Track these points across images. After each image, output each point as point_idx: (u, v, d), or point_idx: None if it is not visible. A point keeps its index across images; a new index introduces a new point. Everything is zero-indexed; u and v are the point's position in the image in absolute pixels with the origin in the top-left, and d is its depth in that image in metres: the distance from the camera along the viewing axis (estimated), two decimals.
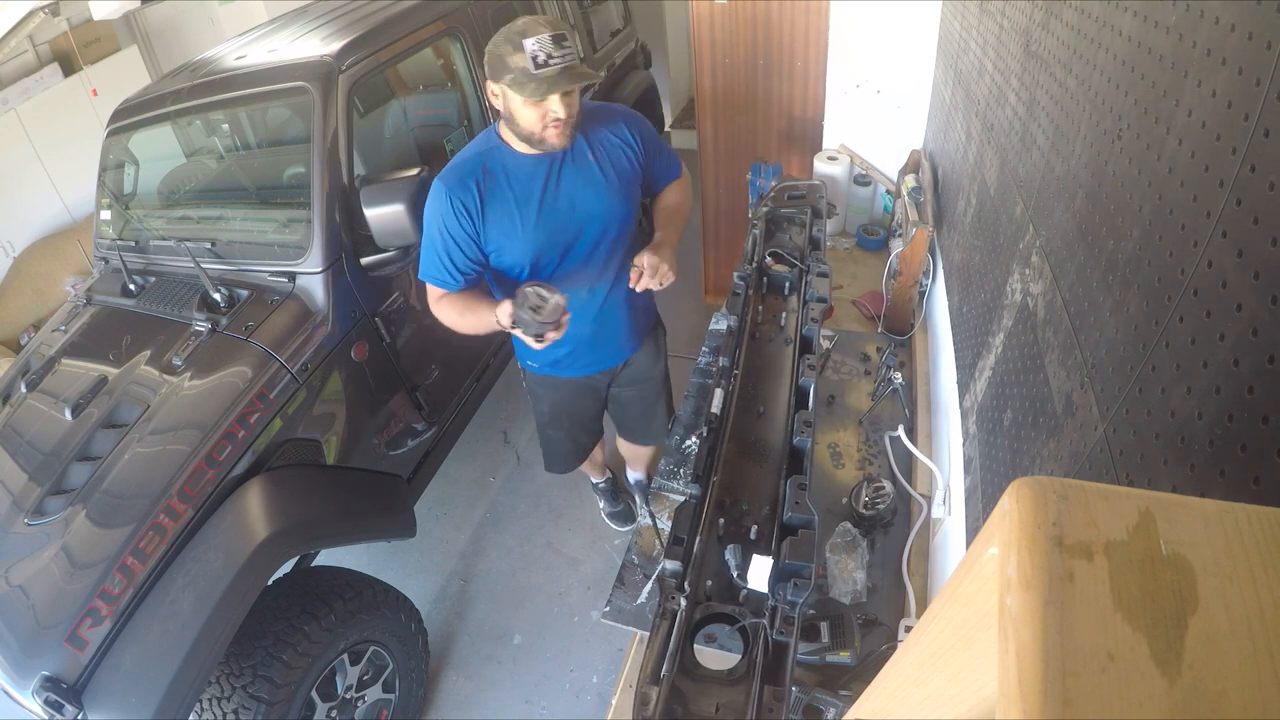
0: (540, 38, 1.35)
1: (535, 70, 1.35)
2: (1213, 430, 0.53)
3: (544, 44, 1.35)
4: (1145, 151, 0.70)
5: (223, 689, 1.61)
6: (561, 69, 1.37)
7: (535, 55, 1.35)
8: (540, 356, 1.80)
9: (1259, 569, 0.29)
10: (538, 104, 1.41)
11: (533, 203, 1.54)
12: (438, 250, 1.56)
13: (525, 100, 1.40)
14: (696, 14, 2.67)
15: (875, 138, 2.57)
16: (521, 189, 1.54)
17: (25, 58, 3.99)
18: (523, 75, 1.36)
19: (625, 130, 1.64)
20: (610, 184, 1.61)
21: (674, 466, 1.73)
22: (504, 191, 1.53)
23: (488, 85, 1.46)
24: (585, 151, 1.58)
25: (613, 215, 1.64)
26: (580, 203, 1.58)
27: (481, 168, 1.53)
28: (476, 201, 1.51)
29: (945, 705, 0.40)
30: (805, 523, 1.14)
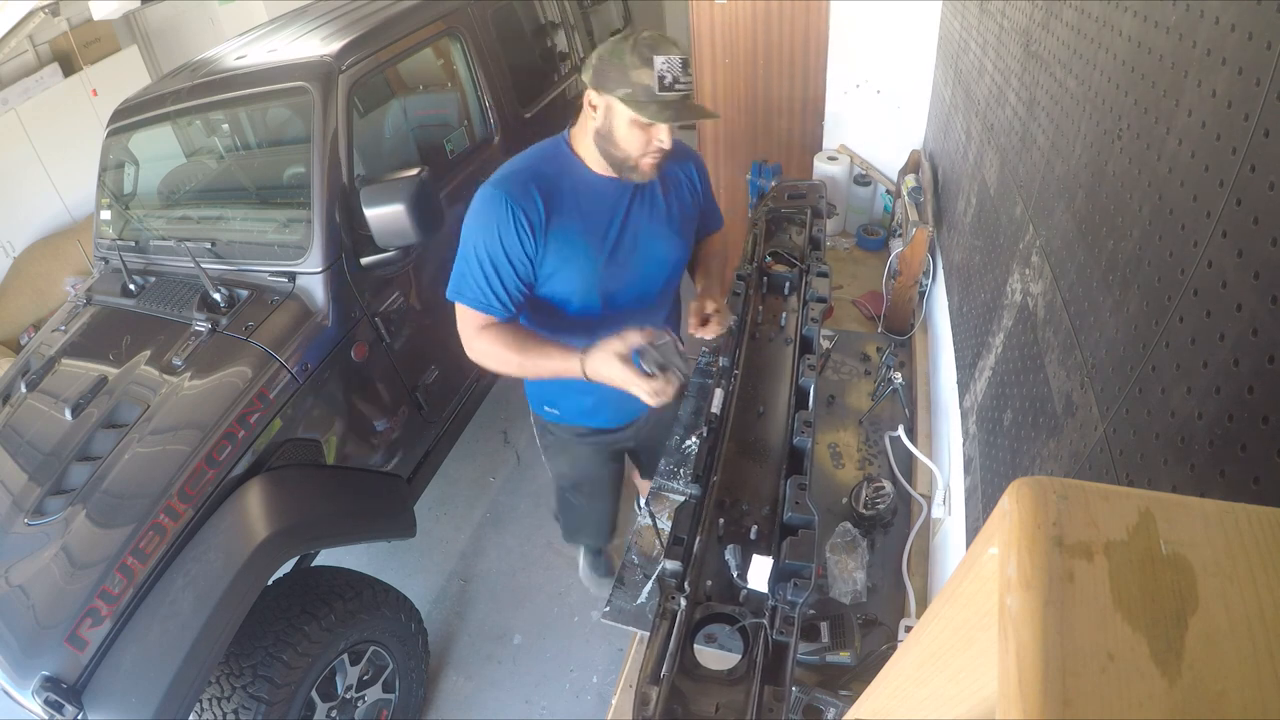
0: (671, 59, 1.22)
1: (660, 92, 1.21)
2: (1213, 430, 0.53)
3: (674, 66, 1.22)
4: (1145, 151, 0.70)
5: (223, 689, 1.61)
6: (685, 97, 1.24)
7: (664, 75, 1.21)
8: (564, 406, 1.65)
9: (1259, 569, 0.29)
10: (645, 128, 1.27)
11: (600, 230, 1.38)
12: (484, 268, 1.33)
13: (634, 120, 1.25)
14: (696, 14, 2.67)
15: (875, 138, 2.57)
16: (592, 212, 1.37)
17: (25, 58, 3.99)
18: (644, 93, 1.22)
19: (693, 170, 1.53)
20: (674, 225, 1.48)
21: (674, 466, 1.72)
22: (572, 210, 1.35)
23: (587, 94, 1.30)
24: (657, 186, 1.44)
25: (672, 258, 1.51)
26: (644, 239, 1.43)
27: (548, 178, 1.35)
28: (541, 215, 1.32)
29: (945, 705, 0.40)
30: (805, 523, 1.14)
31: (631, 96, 1.23)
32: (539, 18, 3.06)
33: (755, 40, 2.65)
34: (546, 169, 1.36)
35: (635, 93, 1.22)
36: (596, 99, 1.28)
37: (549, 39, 3.09)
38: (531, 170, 1.35)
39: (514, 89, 2.70)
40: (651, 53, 1.21)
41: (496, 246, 1.31)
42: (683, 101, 1.24)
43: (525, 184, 1.32)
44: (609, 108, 1.27)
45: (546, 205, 1.32)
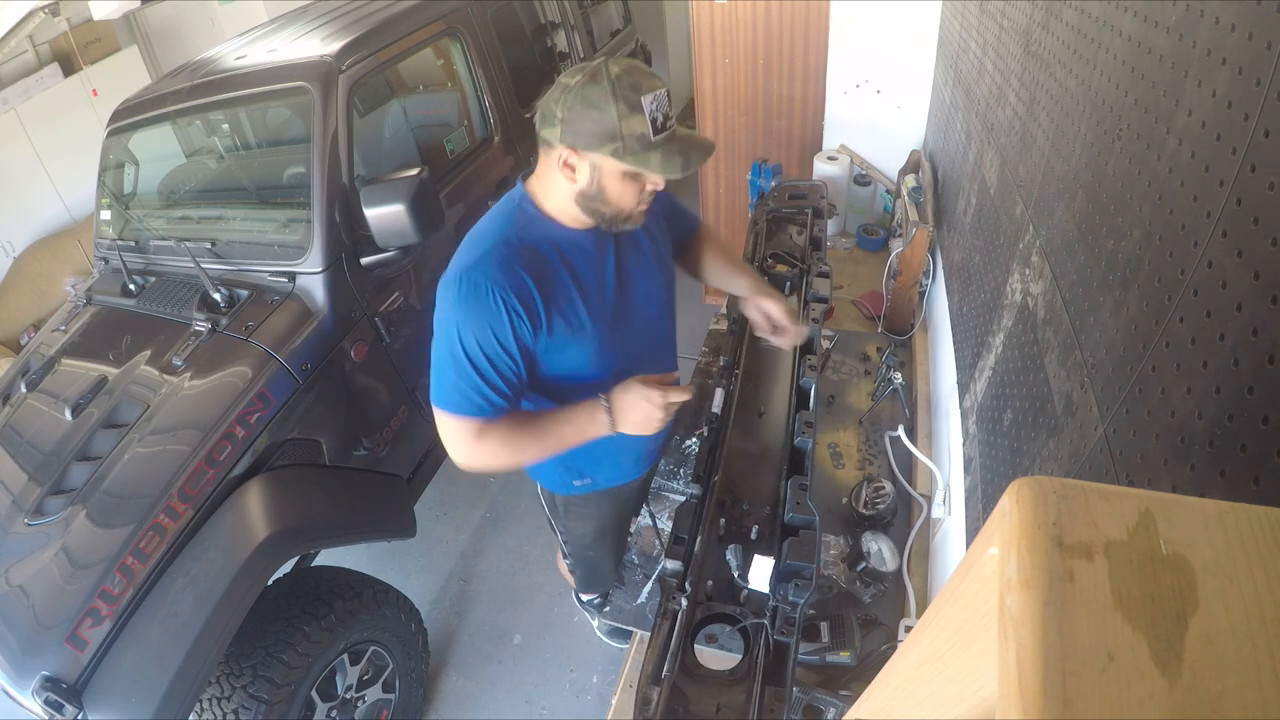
0: (657, 94, 1.05)
1: (655, 137, 1.05)
2: (1213, 430, 0.53)
3: (661, 102, 1.05)
4: (1145, 151, 0.70)
5: (223, 689, 1.61)
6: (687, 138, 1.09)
7: (655, 118, 1.04)
8: (598, 473, 1.51)
9: (1259, 569, 0.29)
10: (636, 179, 1.11)
11: (594, 289, 1.22)
12: (478, 367, 1.13)
13: (626, 173, 1.09)
14: (696, 14, 2.67)
15: (875, 138, 2.57)
16: (582, 273, 1.20)
17: (25, 58, 3.99)
18: (639, 144, 1.05)
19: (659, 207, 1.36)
20: (660, 259, 1.35)
21: (674, 466, 1.73)
22: (562, 278, 1.18)
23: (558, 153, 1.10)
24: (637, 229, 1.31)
25: (667, 292, 1.39)
26: (640, 286, 1.30)
27: (526, 252, 1.15)
28: (534, 295, 1.13)
29: (945, 705, 0.40)
30: (806, 523, 1.15)
31: (625, 150, 1.05)
32: (539, 18, 3.06)
33: (755, 40, 2.65)
34: (521, 239, 1.16)
35: (629, 145, 1.05)
36: (575, 160, 1.09)
37: (549, 39, 3.09)
38: (507, 245, 1.15)
39: (514, 89, 2.70)
40: (637, 94, 1.03)
41: (490, 341, 1.12)
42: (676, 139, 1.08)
43: (506, 263, 1.13)
44: (596, 167, 1.09)
45: (537, 282, 1.14)
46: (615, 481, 1.56)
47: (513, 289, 1.11)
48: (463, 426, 1.17)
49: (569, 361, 1.24)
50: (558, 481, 1.55)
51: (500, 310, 1.11)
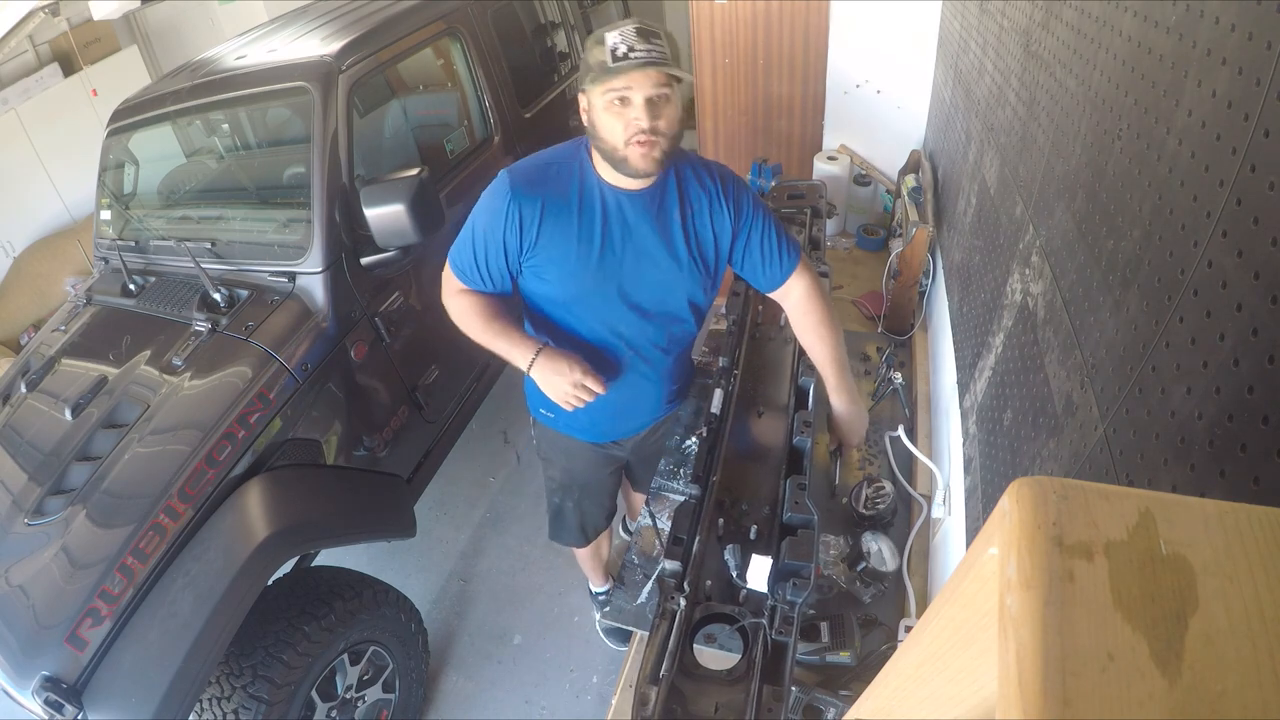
0: (625, 29, 1.18)
1: (613, 63, 1.17)
2: (1213, 430, 0.53)
3: (627, 35, 1.17)
4: (1145, 151, 0.70)
5: (223, 689, 1.61)
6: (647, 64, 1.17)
7: (615, 47, 1.17)
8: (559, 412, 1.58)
9: (1259, 569, 0.29)
10: (620, 111, 1.20)
11: (596, 241, 1.33)
12: (475, 243, 1.36)
13: (606, 105, 1.21)
14: (696, 14, 2.67)
15: (875, 138, 2.57)
16: (590, 220, 1.33)
17: (25, 58, 3.99)
18: (599, 69, 1.18)
19: (723, 203, 1.36)
20: (683, 259, 1.37)
21: (674, 466, 1.72)
22: (570, 215, 1.32)
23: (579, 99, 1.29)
24: (673, 208, 1.35)
25: (676, 296, 1.40)
26: (645, 261, 1.36)
27: (557, 178, 1.33)
28: (536, 216, 1.31)
29: (945, 705, 0.40)
30: (805, 522, 1.15)
31: (593, 77, 1.20)
32: (539, 18, 3.06)
33: (755, 40, 2.65)
34: (561, 168, 1.34)
35: (594, 73, 1.20)
36: (581, 100, 1.27)
37: (549, 39, 3.09)
38: (548, 168, 1.34)
39: (514, 89, 2.70)
40: (605, 31, 1.20)
41: (490, 230, 1.34)
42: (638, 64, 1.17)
43: (531, 181, 1.32)
44: (589, 103, 1.25)
45: (544, 205, 1.31)
46: (573, 432, 1.67)
47: (520, 201, 1.30)
48: (451, 277, 1.44)
49: (545, 289, 1.39)
50: (533, 402, 1.67)
51: (503, 211, 1.31)
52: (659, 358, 1.49)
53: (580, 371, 1.33)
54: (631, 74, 1.17)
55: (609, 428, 1.65)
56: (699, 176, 1.37)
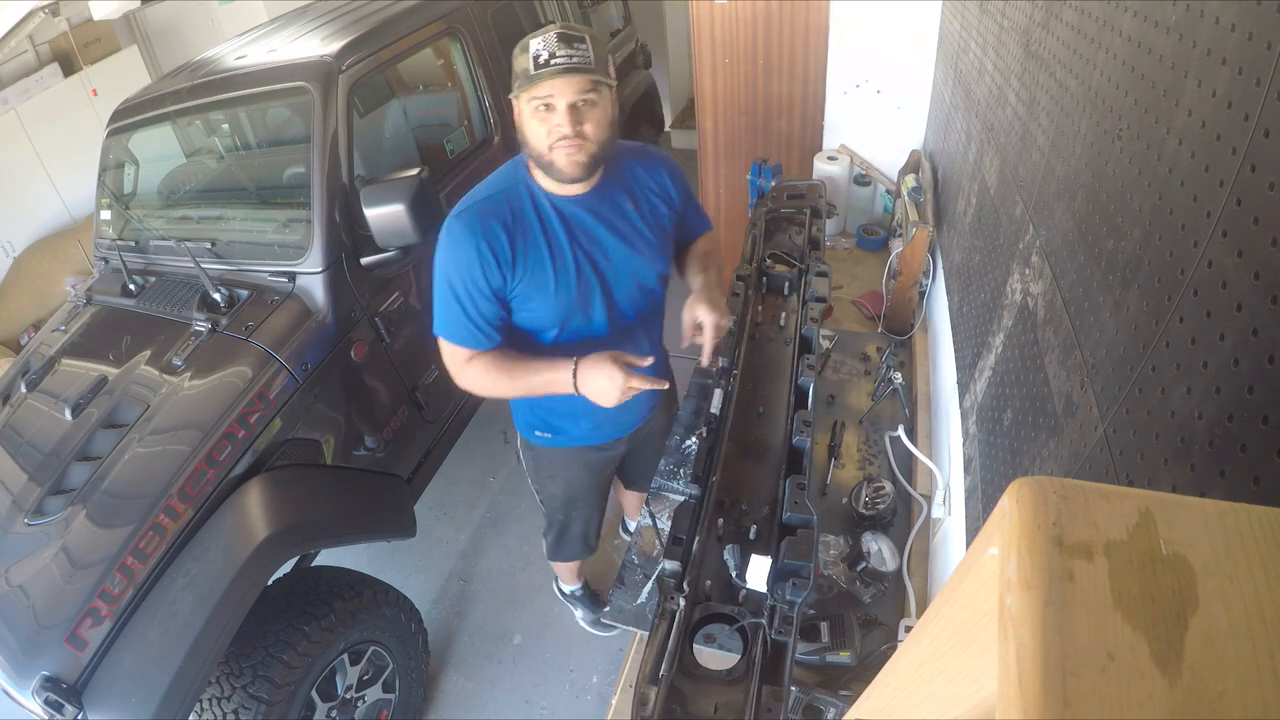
0: (547, 36, 1.19)
1: (536, 70, 1.18)
2: (1213, 430, 0.53)
3: (549, 42, 1.18)
4: (1145, 151, 0.70)
5: (223, 689, 1.61)
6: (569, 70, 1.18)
7: (538, 54, 1.18)
8: (559, 429, 1.62)
9: (1259, 569, 0.29)
10: (544, 116, 1.22)
11: (567, 254, 1.34)
12: (463, 305, 1.32)
13: (532, 111, 1.22)
14: (696, 14, 2.67)
15: (875, 138, 2.57)
16: (554, 235, 1.34)
17: (25, 58, 3.99)
18: (524, 76, 1.20)
19: (666, 179, 1.45)
20: (647, 238, 1.42)
21: (674, 466, 1.73)
22: (536, 237, 1.33)
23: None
24: (624, 198, 1.39)
25: (650, 273, 1.45)
26: (617, 256, 1.39)
27: (508, 207, 1.32)
28: (506, 248, 1.30)
29: (945, 705, 0.40)
30: (804, 522, 1.15)
31: (518, 86, 1.22)
32: (539, 18, 3.06)
33: (755, 40, 2.64)
34: (507, 196, 1.33)
35: (520, 80, 1.21)
36: (515, 107, 1.27)
37: None
38: (492, 201, 1.33)
39: None
40: (530, 39, 1.20)
41: (469, 280, 1.30)
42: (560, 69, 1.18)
43: (487, 217, 1.30)
44: (517, 111, 1.27)
45: (510, 236, 1.30)
46: (575, 443, 1.66)
47: (485, 236, 1.29)
48: (456, 351, 1.38)
49: (532, 317, 1.38)
50: (525, 426, 1.68)
51: (474, 254, 1.29)
52: (643, 338, 1.52)
53: (621, 365, 1.30)
54: (553, 80, 1.18)
55: (614, 425, 1.65)
56: (634, 161, 1.43)
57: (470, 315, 1.33)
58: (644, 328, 1.51)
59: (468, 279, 1.30)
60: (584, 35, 1.21)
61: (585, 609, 2.35)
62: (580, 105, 1.22)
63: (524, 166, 1.36)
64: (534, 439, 1.68)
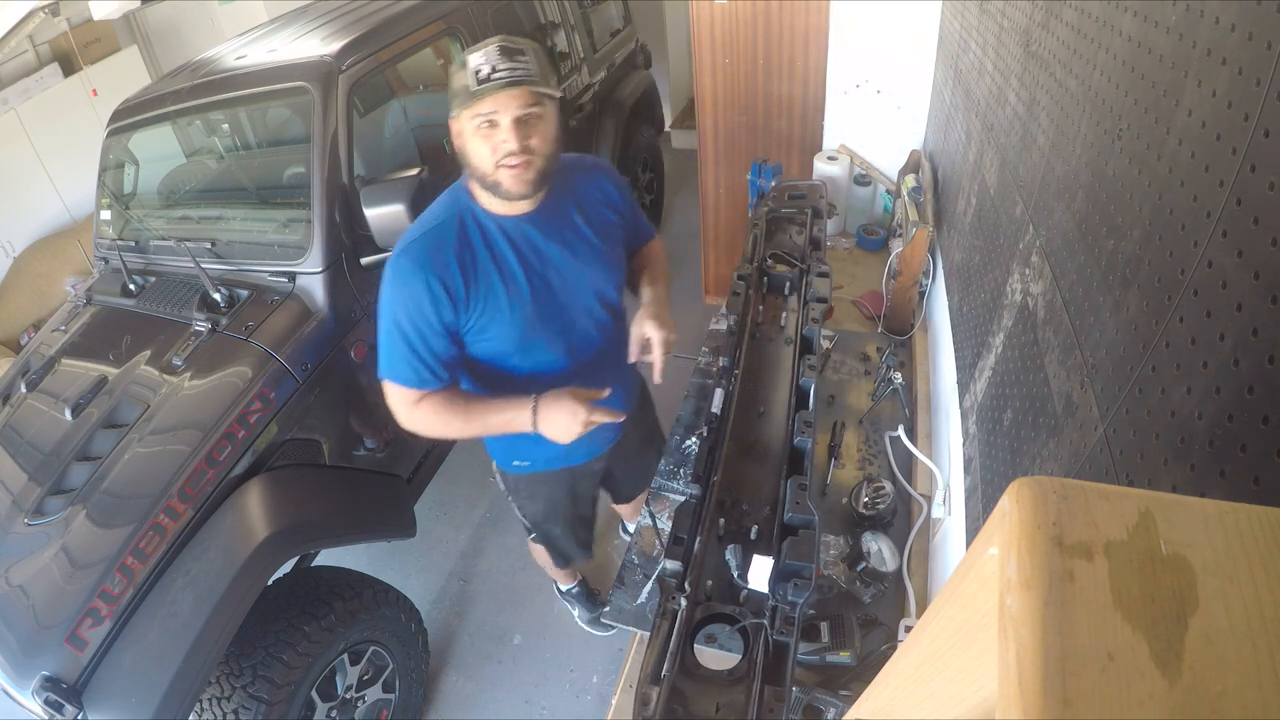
0: (488, 49, 1.14)
1: (477, 85, 1.13)
2: (1213, 430, 0.53)
3: (490, 56, 1.13)
4: (1145, 151, 0.70)
5: (223, 689, 1.61)
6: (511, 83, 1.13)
7: (479, 69, 1.13)
8: (535, 455, 1.59)
9: (1259, 569, 0.29)
10: (488, 134, 1.18)
11: (520, 277, 1.30)
12: (411, 344, 1.26)
13: (475, 129, 1.18)
14: (696, 14, 2.67)
15: (875, 138, 2.57)
16: (504, 260, 1.29)
17: (25, 58, 3.99)
18: (464, 93, 1.15)
19: (609, 186, 1.43)
20: (600, 249, 1.38)
21: (674, 466, 1.73)
22: (487, 264, 1.28)
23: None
24: (571, 210, 1.35)
25: (606, 284, 1.42)
26: (571, 272, 1.35)
27: (457, 236, 1.27)
28: (457, 281, 1.24)
29: (945, 705, 0.40)
30: (805, 523, 1.15)
31: (459, 103, 1.17)
32: (539, 18, 3.06)
33: (755, 40, 2.64)
34: (453, 225, 1.28)
35: (460, 98, 1.16)
36: (454, 127, 1.22)
37: (549, 39, 3.09)
38: (439, 232, 1.27)
39: None
40: (469, 54, 1.15)
41: (419, 319, 1.24)
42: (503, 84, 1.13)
43: (436, 250, 1.25)
44: (457, 130, 1.21)
45: (461, 268, 1.25)
46: (554, 465, 1.63)
47: (435, 271, 1.23)
48: (401, 393, 1.31)
49: (491, 344, 1.33)
50: (501, 457, 1.66)
51: (424, 290, 1.23)
52: (612, 351, 1.47)
53: (581, 400, 1.28)
54: (496, 95, 1.13)
55: (592, 443, 1.60)
56: (576, 172, 1.40)
57: (420, 355, 1.27)
58: (606, 341, 1.46)
59: (418, 318, 1.24)
60: (525, 48, 1.17)
61: (583, 608, 2.35)
62: (525, 119, 1.17)
63: (465, 192, 1.31)
64: (511, 468, 1.65)
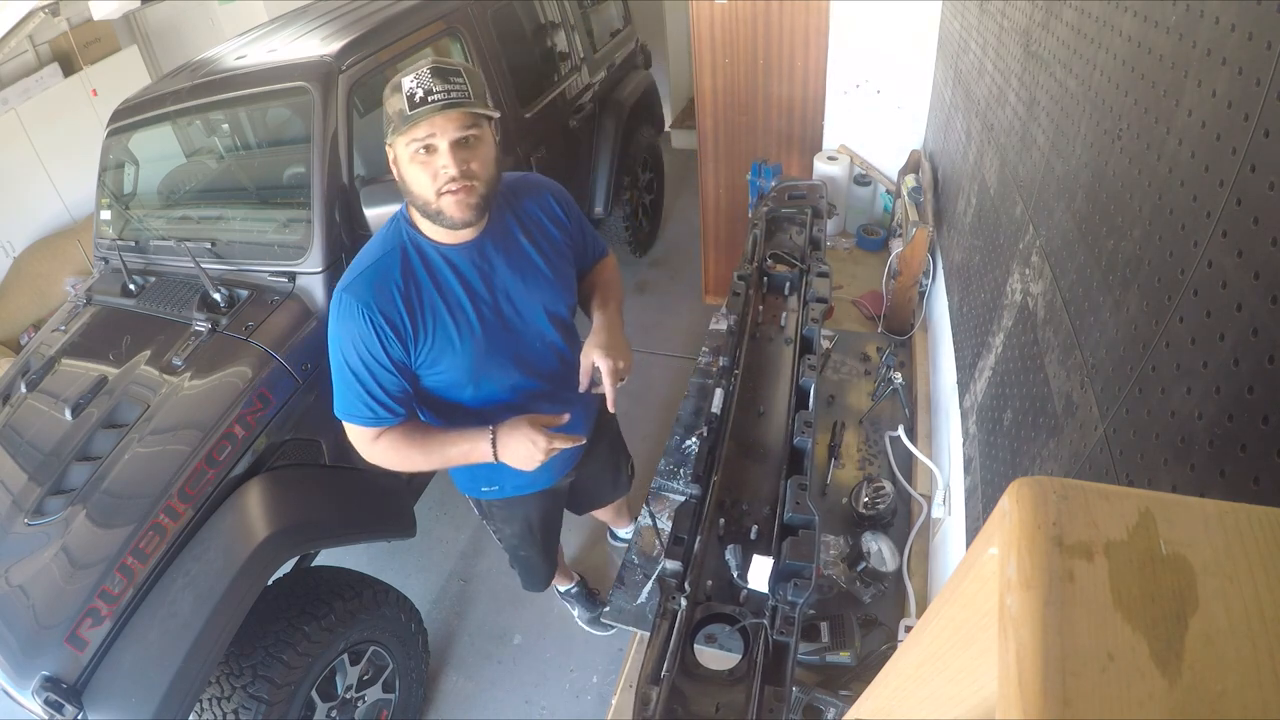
0: (420, 72, 1.11)
1: (411, 110, 1.10)
2: (1213, 430, 0.53)
3: (422, 79, 1.10)
4: (1145, 151, 0.70)
5: (223, 689, 1.61)
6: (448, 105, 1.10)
7: (413, 93, 1.10)
8: (504, 481, 1.57)
9: (1259, 569, 0.29)
10: (426, 160, 1.15)
11: (467, 306, 1.27)
12: (363, 382, 1.23)
13: (412, 155, 1.15)
14: (696, 14, 2.67)
15: (875, 138, 2.57)
16: (450, 290, 1.26)
17: (25, 58, 3.99)
18: (399, 118, 1.12)
19: (553, 203, 1.39)
20: (546, 272, 1.35)
21: (674, 466, 1.73)
22: (433, 296, 1.24)
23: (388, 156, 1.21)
24: (516, 232, 1.33)
25: (557, 304, 1.39)
26: (520, 298, 1.32)
27: (400, 269, 1.23)
28: (403, 317, 1.21)
29: (945, 705, 0.40)
30: (805, 523, 1.15)
31: (394, 129, 1.14)
32: (539, 18, 3.06)
33: (755, 40, 2.64)
34: (395, 257, 1.24)
35: (395, 123, 1.13)
36: (389, 154, 1.19)
37: (549, 39, 3.09)
38: (380, 266, 1.23)
39: (514, 89, 2.70)
40: (402, 77, 1.12)
41: (366, 356, 1.21)
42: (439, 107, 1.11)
43: (376, 283, 1.21)
44: (394, 157, 1.19)
45: (406, 302, 1.22)
46: (523, 490, 1.61)
47: (379, 308, 1.20)
48: (358, 431, 1.30)
49: (443, 376, 1.31)
50: (469, 486, 1.62)
51: (369, 328, 1.20)
52: (568, 373, 1.43)
53: (539, 428, 1.27)
54: (432, 118, 1.10)
55: (560, 464, 1.57)
56: (523, 194, 1.37)
57: (372, 393, 1.24)
58: (562, 363, 1.43)
59: (365, 356, 1.21)
60: (459, 68, 1.14)
61: (582, 607, 2.35)
62: (464, 142, 1.15)
63: (406, 221, 1.27)
64: (481, 494, 1.64)
